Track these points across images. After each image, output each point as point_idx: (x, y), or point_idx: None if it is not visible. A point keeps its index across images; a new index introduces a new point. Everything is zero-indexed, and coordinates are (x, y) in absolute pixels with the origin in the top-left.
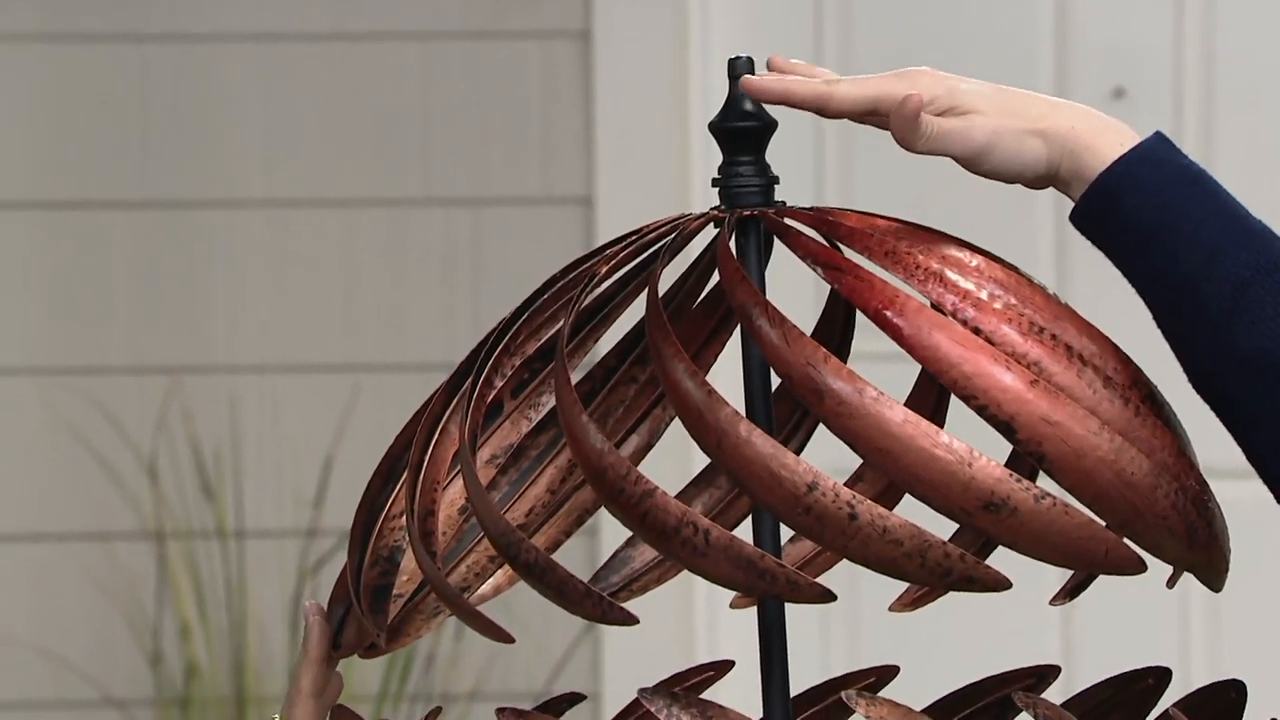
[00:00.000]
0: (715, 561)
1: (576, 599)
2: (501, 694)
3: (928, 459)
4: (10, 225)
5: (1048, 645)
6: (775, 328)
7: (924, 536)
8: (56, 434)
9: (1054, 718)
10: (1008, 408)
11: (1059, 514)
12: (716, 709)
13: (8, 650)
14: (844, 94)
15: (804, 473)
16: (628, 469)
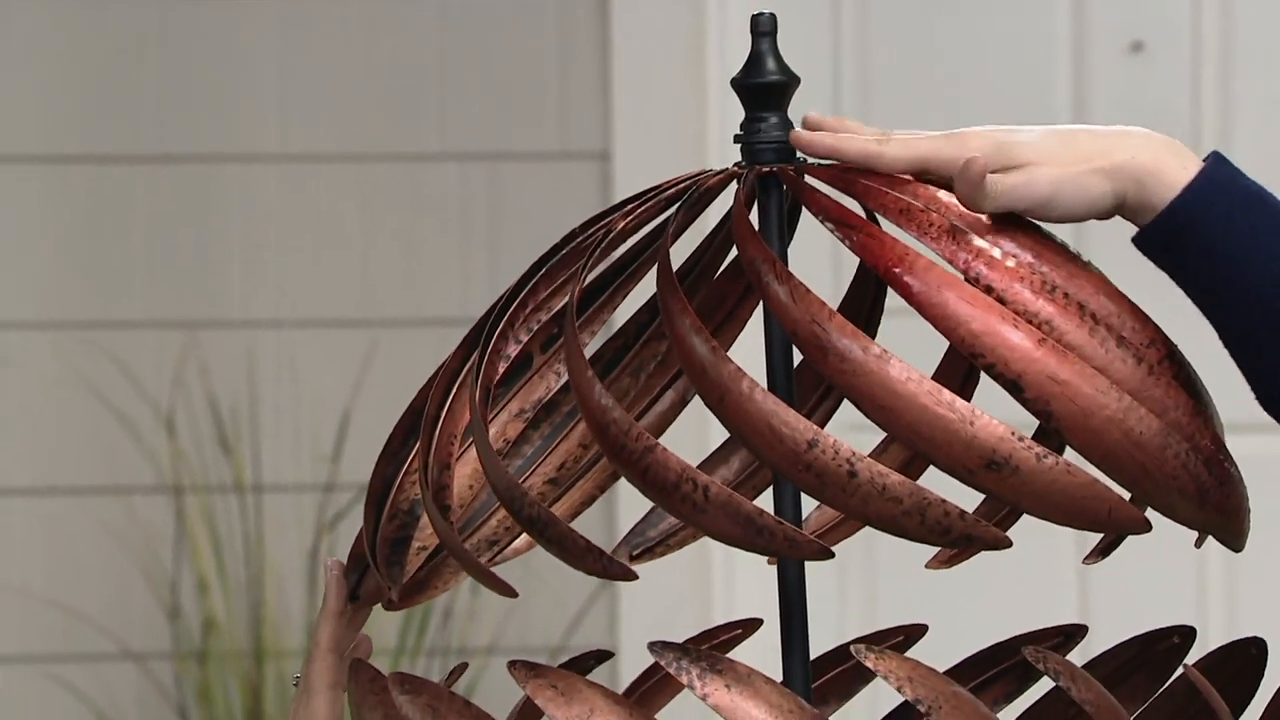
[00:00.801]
0: (714, 517)
1: (577, 553)
2: (518, 648)
3: (930, 417)
4: (28, 180)
5: (1064, 607)
6: (782, 284)
7: (923, 495)
8: (74, 389)
9: (1064, 672)
10: (1015, 366)
11: (1061, 473)
12: (727, 663)
13: (27, 604)
14: (893, 155)
15: (804, 430)
16: (630, 425)
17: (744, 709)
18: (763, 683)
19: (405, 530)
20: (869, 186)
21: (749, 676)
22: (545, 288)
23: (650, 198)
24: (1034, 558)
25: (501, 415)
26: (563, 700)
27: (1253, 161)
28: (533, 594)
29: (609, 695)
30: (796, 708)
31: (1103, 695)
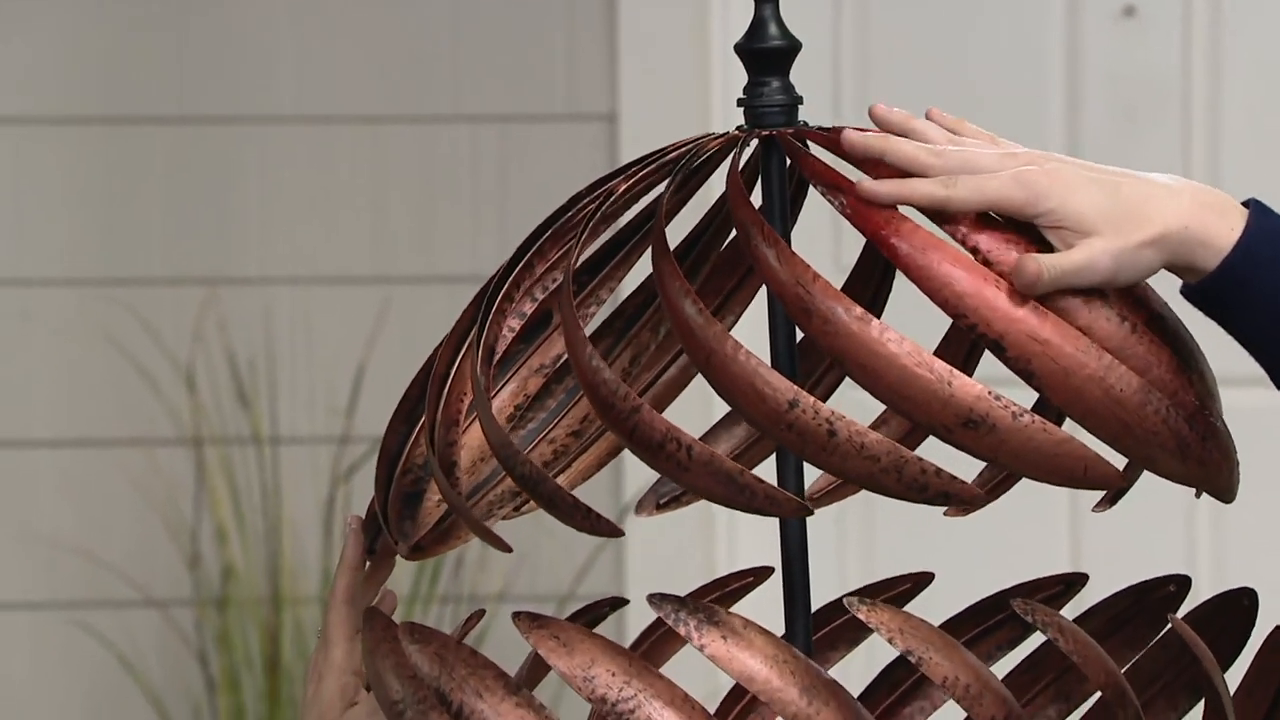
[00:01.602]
0: (697, 475)
1: (566, 510)
2: (528, 596)
3: (909, 377)
4: (52, 141)
5: (1056, 559)
6: (770, 247)
7: (900, 453)
8: (97, 344)
9: (1051, 624)
10: (997, 326)
11: (1037, 431)
12: (723, 615)
13: (52, 552)
14: (961, 200)
15: (785, 390)
16: (618, 385)
17: (740, 659)
18: (758, 634)
19: (419, 485)
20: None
21: (745, 628)
22: (554, 249)
23: (652, 161)
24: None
25: (522, 371)
26: (564, 651)
27: (1242, 128)
28: (541, 544)
29: (610, 646)
30: (791, 658)
31: (1089, 646)
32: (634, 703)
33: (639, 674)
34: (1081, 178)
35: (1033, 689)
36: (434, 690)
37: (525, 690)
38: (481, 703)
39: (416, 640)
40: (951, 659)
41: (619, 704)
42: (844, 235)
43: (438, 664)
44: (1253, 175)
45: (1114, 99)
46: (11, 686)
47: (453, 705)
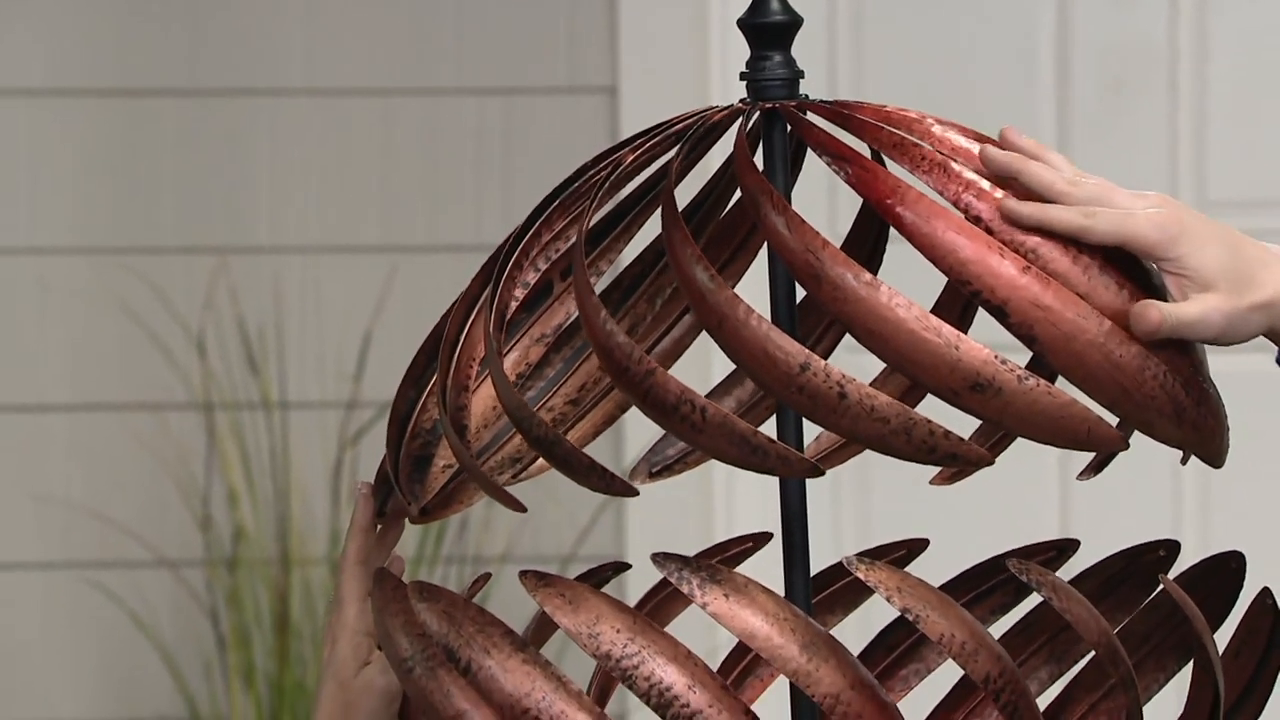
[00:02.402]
0: (711, 437)
1: (582, 471)
2: (531, 557)
3: (917, 341)
4: (66, 113)
5: (1046, 526)
6: (780, 215)
7: (909, 415)
8: (110, 311)
9: (1046, 584)
10: (1000, 293)
11: (1042, 394)
12: (726, 574)
13: (67, 514)
14: (1100, 233)
15: (796, 353)
16: (631, 348)
17: (742, 617)
18: (760, 592)
19: (428, 449)
20: (865, 122)
21: (747, 586)
22: (560, 219)
23: (658, 133)
24: (1018, 478)
25: (524, 340)
26: (570, 608)
27: (1228, 99)
28: (544, 507)
29: (615, 604)
30: (792, 615)
31: (1083, 605)
32: (638, 659)
33: (642, 631)
34: (1208, 232)
35: (1026, 650)
36: (443, 647)
37: (531, 647)
38: (489, 659)
39: (425, 599)
40: (948, 617)
41: (623, 660)
42: (838, 204)
43: (446, 622)
44: (1238, 146)
45: (1102, 70)
46: (27, 645)
47: (461, 661)
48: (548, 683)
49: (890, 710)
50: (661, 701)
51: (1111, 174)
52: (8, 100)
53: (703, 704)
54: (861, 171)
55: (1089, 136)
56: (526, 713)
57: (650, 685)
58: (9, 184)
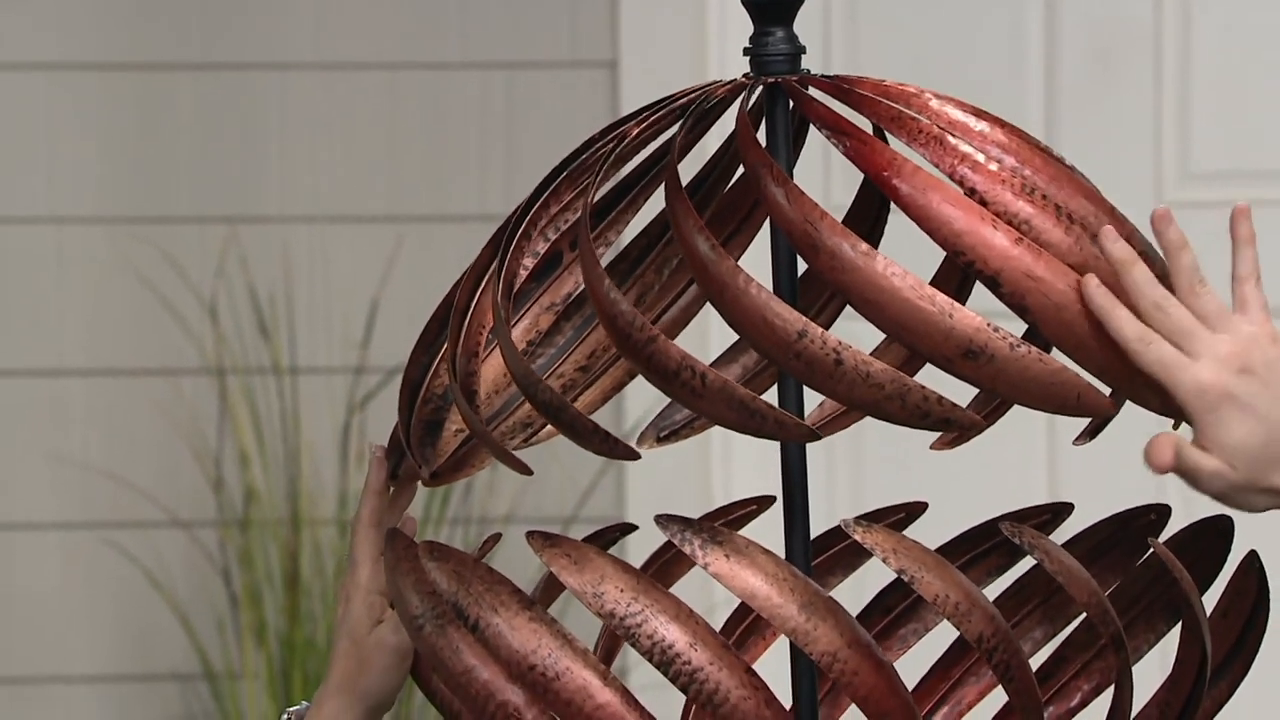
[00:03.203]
0: (711, 402)
1: (586, 435)
2: (534, 518)
3: (912, 309)
4: (82, 86)
5: (1035, 490)
6: (779, 187)
7: (904, 381)
8: (126, 279)
9: (1038, 546)
10: (993, 263)
11: (1034, 361)
12: (727, 535)
13: (84, 476)
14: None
15: (794, 321)
16: (634, 316)
17: (742, 577)
18: (760, 553)
19: (439, 414)
20: (864, 96)
21: (747, 548)
22: (568, 190)
23: (662, 106)
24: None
25: (534, 308)
26: (575, 568)
27: (1212, 70)
28: (548, 469)
29: (619, 564)
30: (791, 576)
31: (1074, 567)
32: (640, 617)
33: (646, 590)
34: (1251, 411)
35: (1020, 611)
36: (452, 605)
37: (538, 605)
38: (496, 617)
39: (435, 558)
40: (942, 578)
41: (626, 618)
42: (833, 176)
43: (455, 580)
44: (1221, 117)
45: (1089, 43)
46: (44, 603)
47: (469, 619)
48: (553, 640)
49: (886, 669)
50: (664, 659)
51: (1097, 145)
52: (26, 74)
53: (704, 661)
54: (859, 145)
55: (1075, 107)
56: (533, 669)
57: (653, 643)
58: (27, 156)
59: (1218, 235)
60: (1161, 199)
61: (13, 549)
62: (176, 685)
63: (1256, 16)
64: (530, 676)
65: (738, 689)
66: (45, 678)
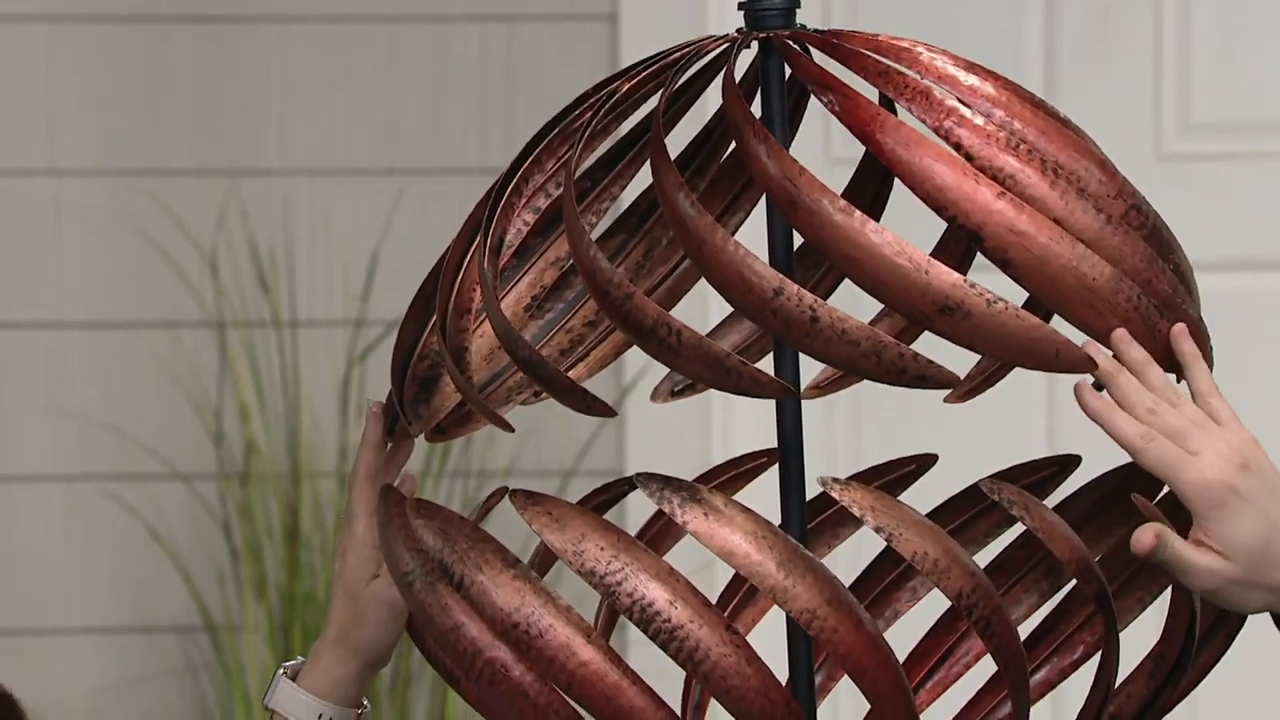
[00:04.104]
0: (686, 359)
1: (564, 391)
2: (533, 472)
3: (889, 265)
4: (82, 39)
5: (1034, 445)
6: (760, 143)
7: (879, 338)
8: (126, 232)
9: (1017, 503)
10: (975, 217)
11: (1010, 317)
12: (705, 494)
13: (85, 429)
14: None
15: (770, 278)
16: (614, 274)
17: (720, 535)
18: (738, 512)
19: (435, 370)
20: (853, 51)
21: (726, 506)
22: (562, 146)
23: (655, 63)
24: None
25: (539, 263)
26: (557, 526)
27: (1211, 25)
28: (549, 423)
29: (601, 523)
30: (770, 533)
31: (1055, 523)
32: (620, 575)
33: (627, 549)
34: (1255, 507)
35: (1025, 566)
36: (438, 563)
37: (522, 564)
38: (481, 575)
39: (422, 515)
40: (921, 535)
41: (606, 576)
42: (832, 134)
43: (442, 538)
44: (1220, 70)
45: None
46: (46, 555)
47: (455, 577)
48: (537, 598)
49: (866, 626)
50: (644, 617)
51: (1098, 100)
52: (26, 25)
53: (684, 619)
54: (844, 100)
55: (1076, 62)
56: (516, 626)
57: (633, 601)
58: (27, 108)
59: (1218, 186)
60: (1161, 152)
61: (13, 502)
62: (177, 637)
63: None
64: (514, 634)
65: (718, 646)
66: (46, 630)
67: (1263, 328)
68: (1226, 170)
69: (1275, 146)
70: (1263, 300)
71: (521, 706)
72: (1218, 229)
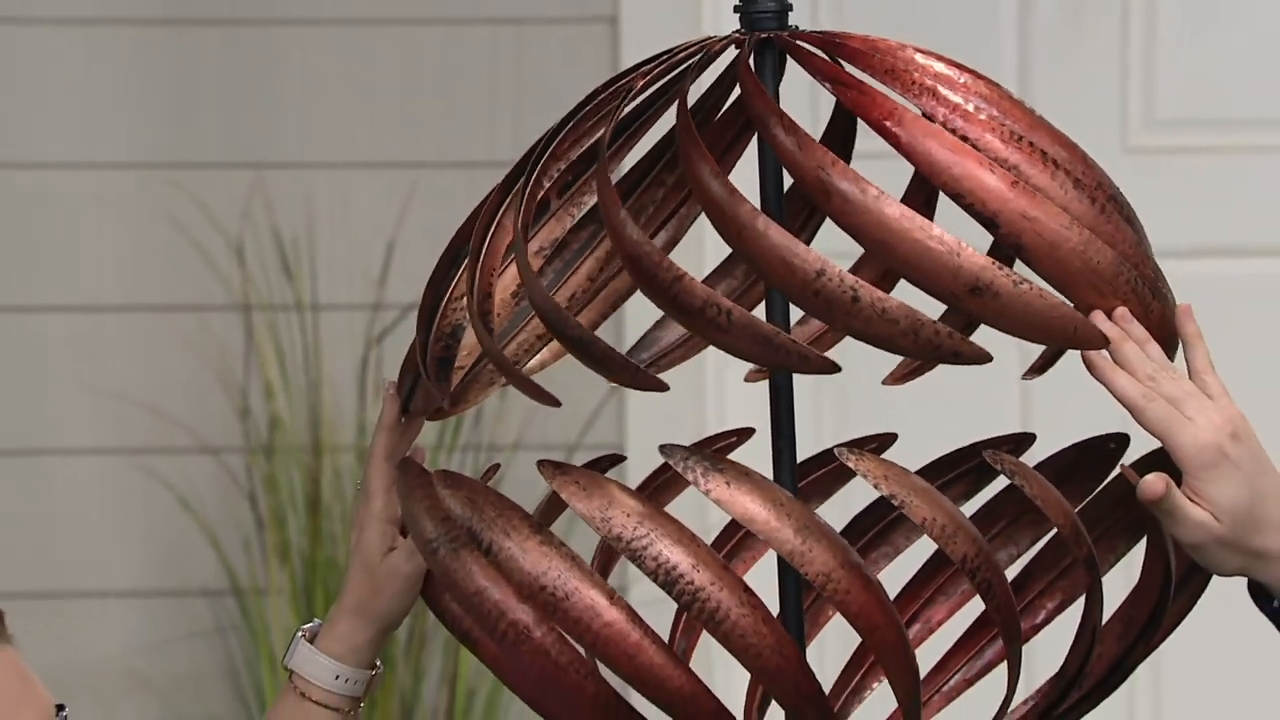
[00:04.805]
0: (736, 337)
1: (616, 368)
2: (539, 445)
3: (922, 249)
4: (118, 40)
5: (1008, 419)
6: (789, 135)
7: (917, 316)
8: (158, 221)
9: (1016, 470)
10: (991, 205)
11: (1035, 297)
12: (727, 463)
13: (120, 406)
14: (1150, 419)
15: (813, 260)
16: (660, 256)
17: (742, 502)
18: (758, 481)
19: (449, 351)
20: (857, 50)
21: (746, 474)
22: (570, 138)
23: (663, 60)
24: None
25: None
26: (584, 494)
27: (1175, 18)
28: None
29: (625, 490)
30: (787, 501)
31: (1049, 490)
32: (646, 540)
33: (650, 515)
34: (1243, 473)
35: (987, 534)
36: (466, 530)
37: (547, 530)
38: (509, 540)
39: (449, 486)
40: (929, 502)
41: (633, 541)
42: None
43: (469, 507)
44: (1183, 70)
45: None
46: (84, 523)
47: (483, 543)
48: (563, 562)
49: (875, 586)
50: (668, 579)
51: (1067, 96)
52: (65, 29)
53: (705, 581)
54: (860, 95)
55: (1047, 60)
56: (544, 589)
57: (658, 565)
58: (66, 106)
59: (1180, 177)
60: (1127, 145)
61: (53, 474)
62: (206, 600)
63: None
64: (541, 596)
65: (737, 607)
66: (84, 593)
67: (1225, 311)
68: (1189, 163)
69: (1235, 141)
70: (1223, 284)
71: (543, 664)
72: (1181, 218)
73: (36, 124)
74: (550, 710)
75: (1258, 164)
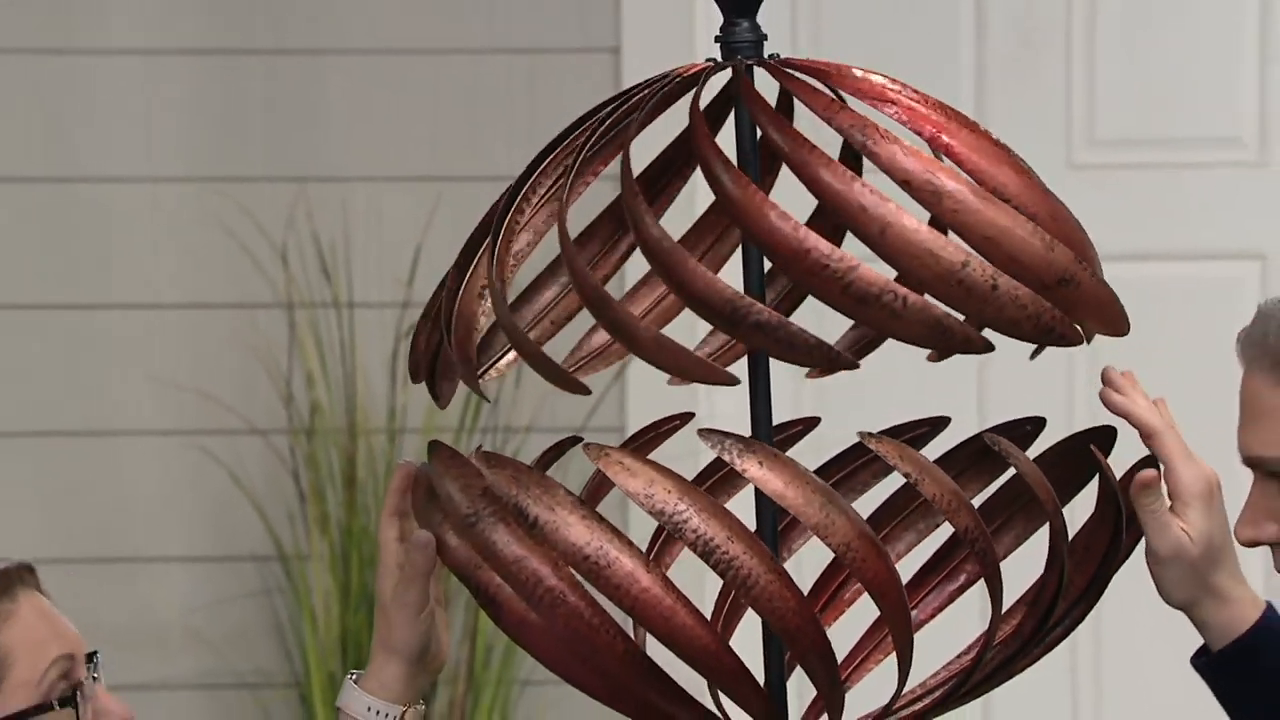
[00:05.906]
0: (909, 323)
1: (806, 350)
2: (550, 427)
3: (1023, 244)
4: (176, 68)
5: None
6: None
7: (1041, 303)
8: (211, 228)
9: (1011, 453)
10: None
11: (1104, 289)
12: (758, 444)
13: (174, 394)
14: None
15: (955, 253)
16: (830, 249)
17: (773, 481)
18: (786, 461)
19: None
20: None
21: (775, 455)
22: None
23: (666, 83)
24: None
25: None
26: (629, 474)
27: (1115, 51)
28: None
29: (665, 470)
30: (812, 479)
31: (1036, 472)
32: (687, 514)
33: (688, 492)
34: (1219, 517)
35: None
36: (513, 506)
37: (587, 505)
38: (554, 515)
39: (494, 466)
40: (937, 481)
41: (674, 516)
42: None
43: (515, 485)
44: (1122, 92)
45: (1014, 30)
46: (144, 499)
47: (529, 517)
48: (604, 533)
49: (887, 557)
50: (706, 549)
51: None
52: (129, 58)
53: (738, 551)
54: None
55: (1001, 85)
56: (587, 558)
57: (697, 536)
58: (129, 126)
59: (1121, 193)
60: (1071, 162)
61: (119, 453)
62: (254, 565)
63: (1154, 3)
64: (585, 565)
65: (766, 574)
66: (146, 558)
67: (1162, 310)
68: (1129, 178)
69: (1170, 158)
70: (1158, 286)
71: (577, 625)
72: (1121, 228)
73: (105, 142)
74: (574, 670)
75: (1190, 178)
